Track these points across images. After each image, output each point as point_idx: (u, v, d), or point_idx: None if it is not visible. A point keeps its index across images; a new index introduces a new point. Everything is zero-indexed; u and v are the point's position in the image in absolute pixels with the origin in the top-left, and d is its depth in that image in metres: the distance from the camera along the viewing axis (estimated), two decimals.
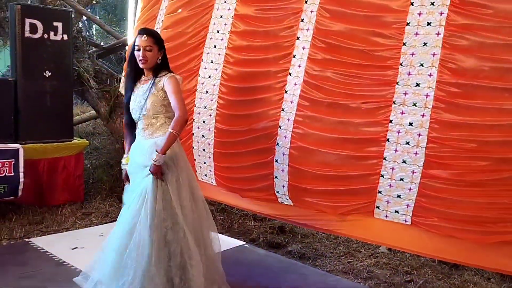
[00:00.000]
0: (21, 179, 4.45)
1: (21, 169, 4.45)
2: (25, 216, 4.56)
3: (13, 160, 4.43)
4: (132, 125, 2.94)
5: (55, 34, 4.85)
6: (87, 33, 8.84)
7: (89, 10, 8.13)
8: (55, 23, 4.82)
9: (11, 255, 3.73)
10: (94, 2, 6.86)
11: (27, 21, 4.65)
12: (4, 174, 4.36)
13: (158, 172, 2.68)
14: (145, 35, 2.79)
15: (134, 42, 2.84)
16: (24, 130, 4.66)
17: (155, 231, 2.63)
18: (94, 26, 9.33)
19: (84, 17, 7.30)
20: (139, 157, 2.83)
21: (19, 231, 4.23)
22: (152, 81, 2.82)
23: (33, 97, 4.75)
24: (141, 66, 2.82)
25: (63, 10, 5.32)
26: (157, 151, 2.65)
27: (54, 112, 4.87)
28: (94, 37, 9.57)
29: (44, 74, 4.79)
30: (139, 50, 2.79)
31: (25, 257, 3.72)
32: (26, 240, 4.07)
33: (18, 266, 3.52)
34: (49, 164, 4.82)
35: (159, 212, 2.66)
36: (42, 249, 3.86)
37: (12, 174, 4.41)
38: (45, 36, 4.78)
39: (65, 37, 4.91)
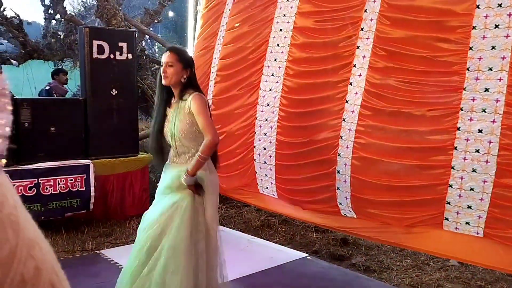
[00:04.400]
0: (92, 193, 4.65)
1: (92, 183, 4.66)
2: (96, 229, 4.76)
3: (84, 175, 4.64)
4: (159, 150, 2.79)
5: (121, 54, 5.04)
6: (150, 51, 9.19)
7: (151, 29, 8.44)
8: (120, 44, 5.01)
9: (84, 266, 3.89)
10: (156, 21, 7.10)
11: (95, 42, 4.86)
12: (76, 189, 4.58)
13: (192, 189, 2.58)
14: (168, 51, 2.69)
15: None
16: (93, 146, 4.87)
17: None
18: (156, 44, 9.68)
19: (147, 36, 7.58)
20: (168, 181, 2.71)
21: (90, 243, 4.42)
22: (178, 105, 2.66)
23: (101, 114, 4.96)
24: (163, 82, 2.67)
25: (127, 31, 5.54)
26: (188, 175, 2.55)
27: (120, 129, 5.06)
28: (157, 54, 9.93)
29: (111, 92, 4.98)
30: (162, 66, 2.69)
31: (97, 268, 3.87)
32: (97, 251, 4.24)
33: (91, 277, 3.66)
34: (117, 179, 5.01)
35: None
36: (112, 260, 4.00)
37: (84, 188, 4.62)
38: (111, 56, 4.97)
39: (130, 56, 5.09)
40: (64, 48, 6.68)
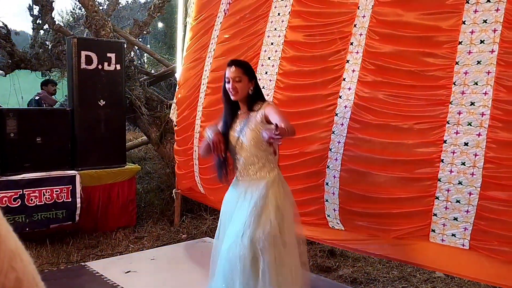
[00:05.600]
0: (78, 205, 4.61)
1: (78, 194, 4.62)
2: (81, 240, 4.71)
3: (70, 186, 4.61)
4: (224, 162, 2.75)
5: (109, 65, 5.04)
6: (139, 62, 9.19)
7: (140, 40, 8.45)
8: (108, 54, 5.02)
9: (68, 279, 3.85)
10: (145, 32, 7.12)
11: (83, 53, 4.86)
12: (62, 200, 4.54)
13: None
14: (233, 66, 2.69)
15: (225, 75, 2.74)
16: (80, 157, 4.85)
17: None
18: (145, 54, 9.69)
19: (136, 47, 7.59)
20: (235, 197, 2.73)
21: (75, 255, 4.37)
22: (249, 116, 2.68)
23: (88, 125, 4.94)
24: (232, 98, 2.69)
25: (116, 42, 5.55)
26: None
27: (108, 139, 5.04)
28: (145, 65, 9.92)
29: (99, 103, 4.98)
30: (229, 82, 2.68)
31: (82, 281, 3.83)
32: (82, 264, 4.19)
33: None
34: (103, 190, 4.97)
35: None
36: (98, 272, 3.96)
37: (70, 200, 4.59)
38: (100, 66, 4.97)
39: (118, 67, 5.09)
40: (52, 58, 6.65)
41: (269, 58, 3.82)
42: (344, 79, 3.28)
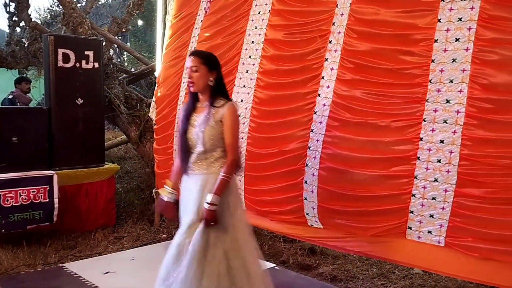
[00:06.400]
0: (56, 205, 4.54)
1: (56, 195, 4.55)
2: (59, 242, 4.64)
3: (48, 186, 4.53)
4: (186, 156, 2.68)
5: (87, 63, 4.96)
6: (118, 60, 9.09)
7: (120, 38, 8.36)
8: (86, 52, 4.94)
9: (45, 281, 3.78)
10: (123, 30, 7.04)
11: (60, 51, 4.79)
12: (39, 201, 4.47)
13: (212, 218, 2.47)
14: (191, 56, 2.61)
15: None
16: (57, 157, 4.77)
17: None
18: (124, 53, 9.60)
19: (115, 45, 7.51)
20: (192, 190, 2.65)
21: (53, 256, 4.30)
22: (209, 111, 2.59)
23: (66, 124, 4.86)
24: (190, 89, 2.63)
25: (94, 39, 5.48)
26: (214, 198, 2.48)
27: (86, 138, 4.98)
28: (125, 63, 9.82)
29: (77, 101, 4.91)
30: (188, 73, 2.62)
31: (59, 282, 3.76)
32: (60, 265, 4.13)
33: None
34: (82, 190, 4.91)
35: None
36: (76, 274, 3.90)
37: (47, 200, 4.50)
38: (77, 65, 4.89)
39: (96, 65, 5.02)
40: (28, 56, 6.53)
41: (250, 56, 3.82)
42: (322, 77, 3.29)
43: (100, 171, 5.04)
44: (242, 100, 3.79)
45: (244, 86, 3.81)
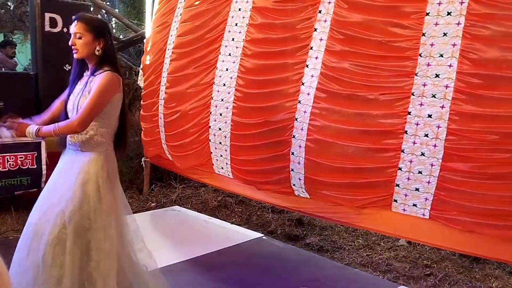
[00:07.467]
0: (44, 171, 4.51)
1: (44, 161, 4.52)
2: None
3: (35, 152, 4.49)
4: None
5: None
6: None
7: (108, 3, 8.18)
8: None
9: None
10: None
11: (47, 15, 4.68)
12: (27, 167, 4.44)
13: (17, 129, 2.34)
14: (76, 21, 2.36)
15: None
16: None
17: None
18: (113, 19, 9.40)
19: (103, 11, 7.34)
20: (65, 168, 2.51)
21: None
22: (87, 80, 2.39)
23: (53, 90, 4.70)
24: (74, 56, 2.39)
25: (81, 4, 5.36)
26: (36, 131, 2.32)
27: None
28: (113, 30, 9.62)
29: (64, 67, 4.82)
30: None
31: None
32: None
33: None
34: None
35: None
36: None
37: (35, 166, 4.48)
38: (65, 29, 4.78)
39: None
40: (14, 19, 6.39)
41: (236, 24, 3.73)
42: (311, 48, 3.23)
43: None
44: (227, 69, 3.74)
45: (229, 55, 3.74)
